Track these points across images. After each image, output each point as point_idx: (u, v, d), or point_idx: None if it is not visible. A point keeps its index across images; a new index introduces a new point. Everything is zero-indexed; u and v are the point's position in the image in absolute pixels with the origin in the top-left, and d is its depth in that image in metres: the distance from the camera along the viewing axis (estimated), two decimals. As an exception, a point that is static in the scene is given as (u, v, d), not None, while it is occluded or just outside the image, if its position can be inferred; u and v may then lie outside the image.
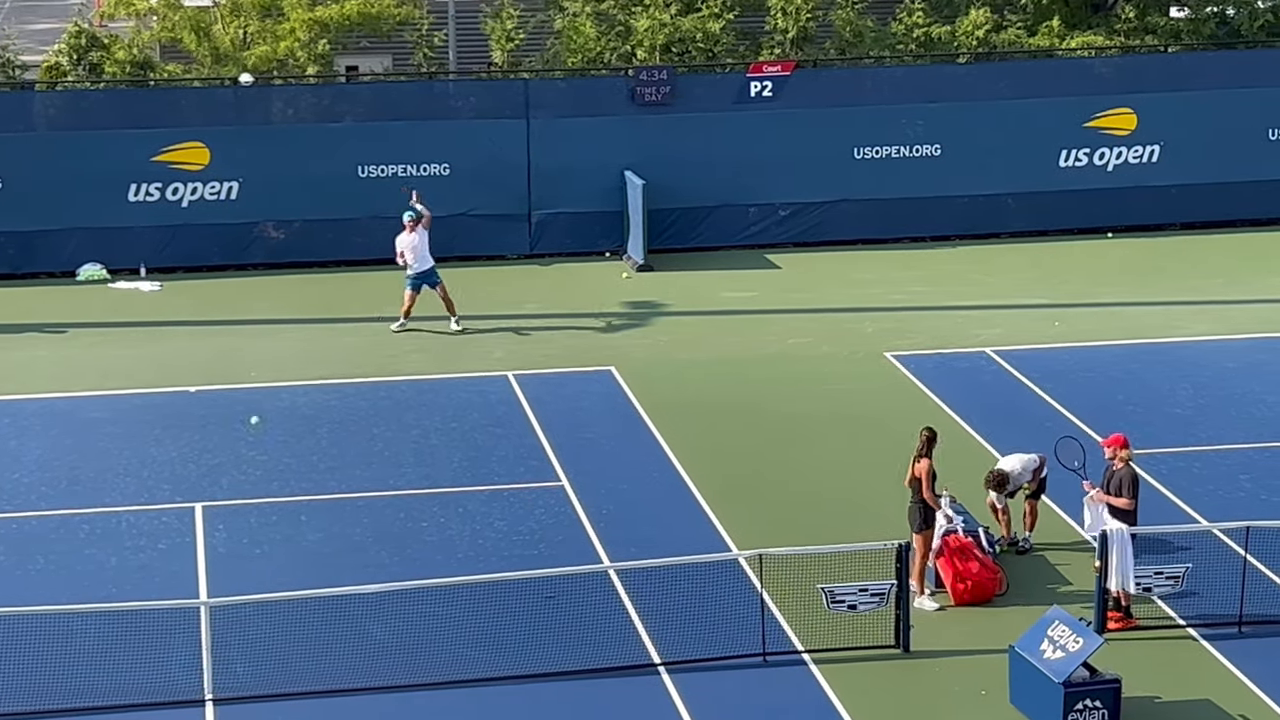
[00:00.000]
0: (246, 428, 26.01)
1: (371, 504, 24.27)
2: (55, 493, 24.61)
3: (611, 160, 34.84)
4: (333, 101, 34.83)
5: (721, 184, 35.27)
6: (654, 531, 23.30)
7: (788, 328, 31.21)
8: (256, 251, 34.39)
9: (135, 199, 33.89)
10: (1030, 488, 22.57)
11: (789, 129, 35.31)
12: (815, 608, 20.49)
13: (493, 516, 23.88)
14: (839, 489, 24.67)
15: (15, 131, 33.65)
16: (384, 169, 34.52)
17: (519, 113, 34.75)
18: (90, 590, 21.68)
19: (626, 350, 30.10)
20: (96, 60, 36.93)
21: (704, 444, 26.12)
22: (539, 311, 32.18)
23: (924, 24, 38.79)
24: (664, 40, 37.88)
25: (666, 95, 35.02)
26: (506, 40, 38.64)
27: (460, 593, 20.92)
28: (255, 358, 29.77)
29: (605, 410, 27.54)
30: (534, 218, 35.07)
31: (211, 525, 23.60)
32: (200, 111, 34.29)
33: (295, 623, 20.44)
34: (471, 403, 27.76)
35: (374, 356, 29.80)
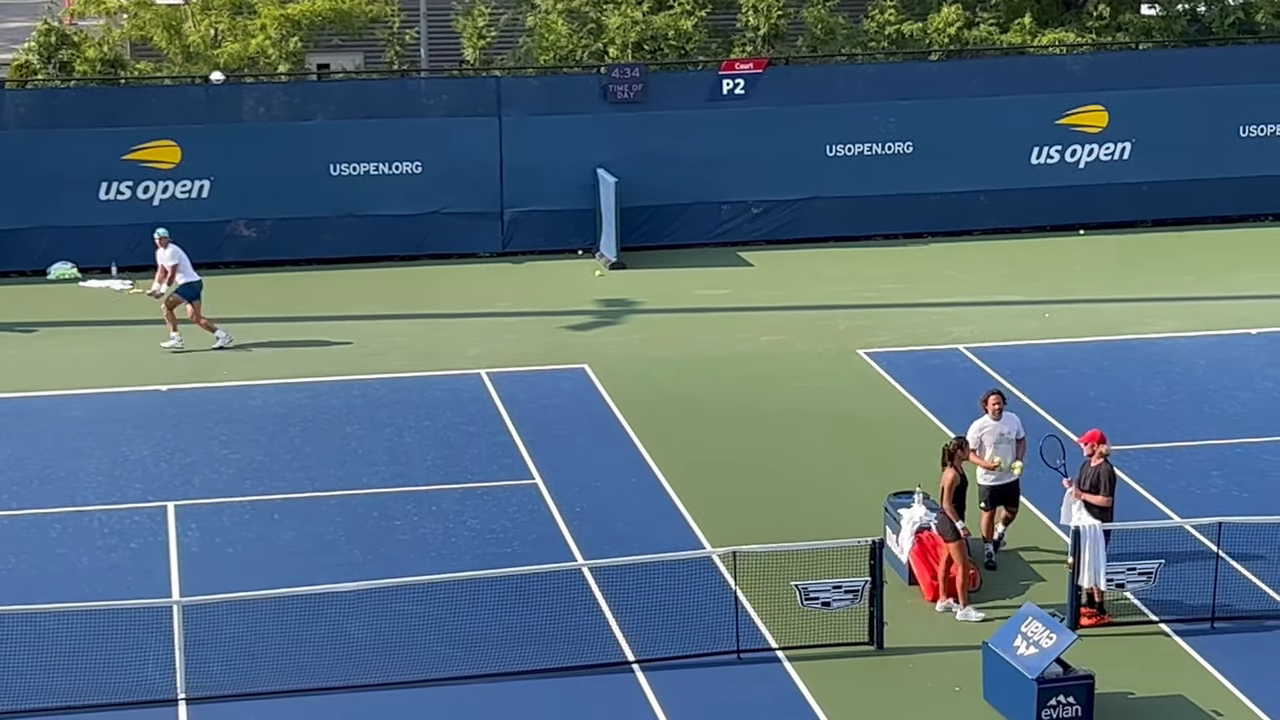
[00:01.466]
0: None
1: (345, 502, 24.23)
2: (26, 492, 24.53)
3: (584, 158, 34.83)
4: (304, 99, 34.78)
5: (694, 182, 35.29)
6: (627, 529, 23.30)
7: (761, 325, 31.22)
8: (228, 250, 34.32)
9: (106, 197, 33.81)
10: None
11: (761, 126, 35.32)
12: (789, 605, 20.49)
13: (466, 515, 23.86)
14: (812, 486, 24.68)
15: (-15, 130, 33.58)
16: (356, 167, 34.48)
17: (491, 110, 34.73)
18: (62, 590, 21.60)
19: (600, 348, 30.09)
20: (67, 58, 36.85)
21: (677, 442, 26.13)
22: (512, 310, 32.15)
23: (896, 21, 38.85)
24: (636, 38, 37.88)
25: (638, 93, 35.02)
26: (478, 38, 38.62)
27: (434, 591, 20.90)
28: (227, 356, 29.69)
29: (578, 408, 27.52)
30: (506, 216, 35.04)
31: (184, 524, 23.54)
32: (171, 110, 34.21)
33: (269, 621, 20.39)
34: (444, 401, 27.73)
35: (347, 355, 29.75)
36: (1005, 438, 22.08)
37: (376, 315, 31.79)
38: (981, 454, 21.95)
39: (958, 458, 21.20)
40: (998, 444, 22.03)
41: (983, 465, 21.85)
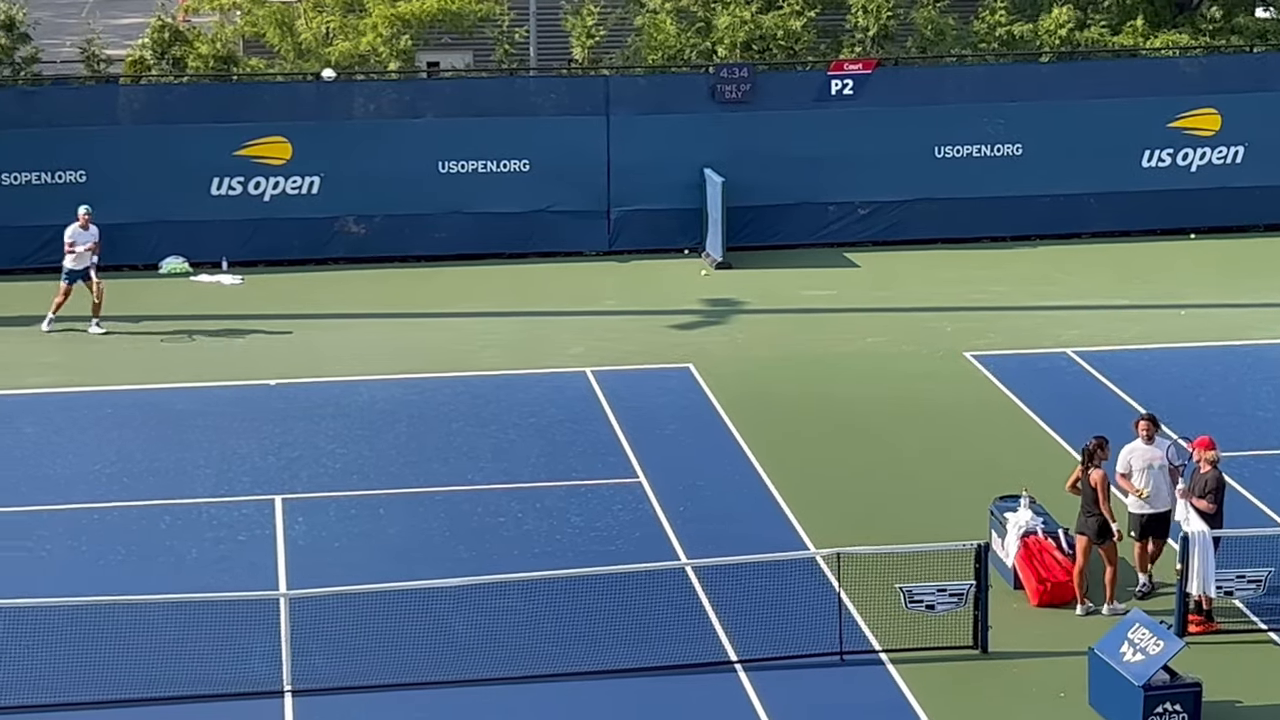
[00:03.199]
0: None
1: (449, 499, 24.34)
2: (136, 483, 24.79)
3: (691, 157, 34.83)
4: (414, 97, 34.96)
5: (801, 182, 35.21)
6: (731, 529, 23.28)
7: (867, 326, 31.12)
8: (337, 246, 34.55)
9: (218, 193, 34.11)
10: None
11: (869, 127, 35.22)
12: (893, 607, 20.42)
13: (570, 512, 23.91)
14: (917, 488, 24.58)
15: (100, 125, 33.94)
16: (464, 165, 34.63)
17: (599, 109, 34.79)
18: (170, 581, 21.83)
19: (705, 347, 30.08)
20: (180, 54, 37.14)
21: (782, 442, 26.08)
22: (617, 308, 32.20)
23: (1006, 22, 38.58)
24: (745, 38, 37.82)
25: (747, 93, 34.98)
26: (587, 37, 38.65)
27: (537, 588, 20.96)
28: (335, 352, 29.90)
29: (683, 407, 27.53)
30: (613, 214, 35.10)
31: (291, 518, 23.72)
32: (282, 106, 34.49)
33: (373, 616, 20.52)
34: (549, 398, 27.80)
35: (453, 351, 29.88)
36: (1155, 464, 21.38)
37: (482, 312, 31.92)
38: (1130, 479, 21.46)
39: (1098, 457, 21.02)
40: (1146, 470, 21.33)
41: (1130, 490, 21.37)
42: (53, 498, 24.28)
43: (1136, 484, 21.27)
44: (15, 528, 23.42)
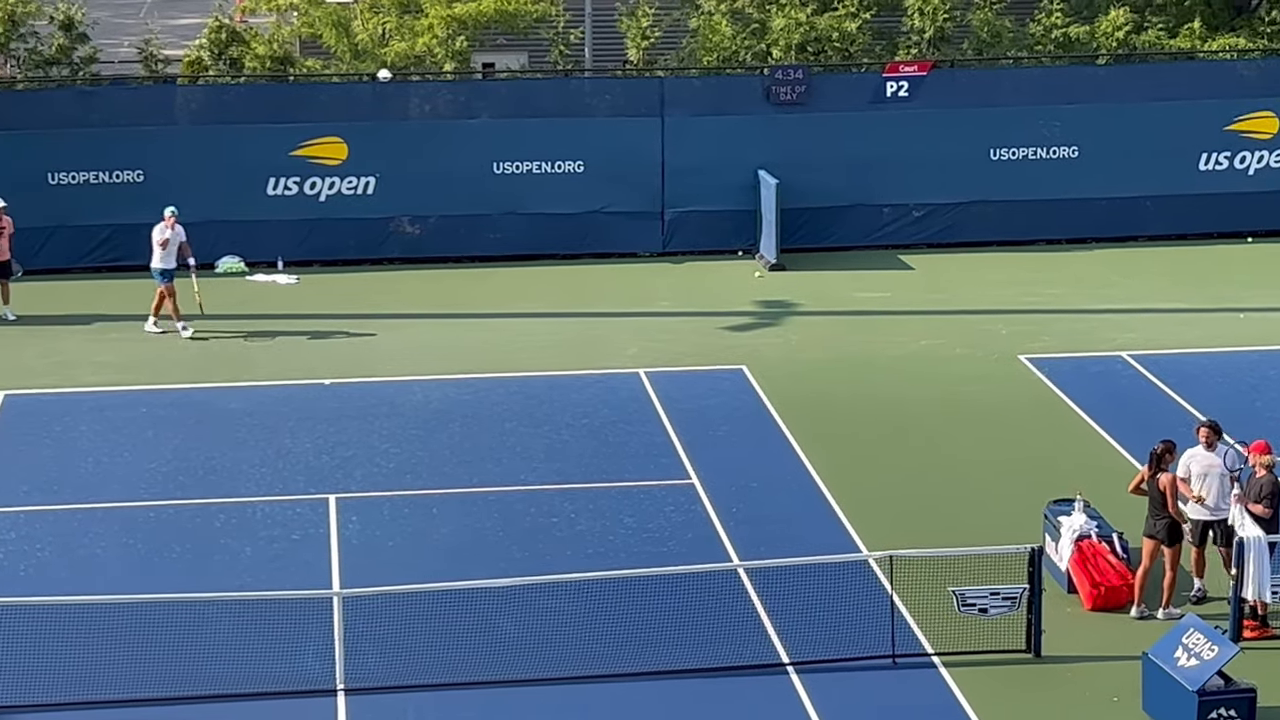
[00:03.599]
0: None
1: (502, 499, 24.38)
2: (191, 482, 24.91)
3: (745, 159, 34.82)
4: (469, 98, 35.05)
5: (855, 184, 35.16)
6: (783, 531, 23.26)
7: (921, 329, 31.05)
8: (392, 246, 34.66)
9: (274, 193, 34.25)
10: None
11: (924, 129, 35.14)
12: (946, 610, 20.37)
13: (622, 513, 23.93)
14: (971, 491, 24.51)
15: (157, 125, 34.11)
16: (519, 165, 34.68)
17: (654, 110, 34.81)
18: (225, 579, 21.93)
19: (758, 349, 30.06)
20: (237, 55, 37.34)
21: (835, 444, 26.05)
22: (671, 309, 32.21)
23: (1063, 24, 38.45)
24: (800, 39, 37.80)
25: (801, 94, 34.95)
26: (642, 38, 38.70)
27: (589, 589, 20.98)
28: (389, 351, 30.00)
29: (736, 409, 27.52)
30: (667, 215, 35.11)
31: (345, 517, 23.80)
32: (339, 107, 34.61)
33: (426, 615, 20.57)
34: (602, 399, 27.82)
35: (507, 351, 29.93)
36: (1215, 470, 21.22)
37: (536, 313, 31.97)
38: (1190, 485, 21.31)
39: (1165, 460, 20.94)
40: (1205, 476, 21.19)
41: (1189, 495, 21.19)
42: (108, 496, 24.42)
43: (1195, 489, 21.17)
44: (72, 526, 23.57)
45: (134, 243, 33.95)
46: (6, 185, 32.69)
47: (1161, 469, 20.99)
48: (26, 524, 23.58)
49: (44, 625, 20.28)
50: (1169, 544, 20.97)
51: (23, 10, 37.40)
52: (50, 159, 33.73)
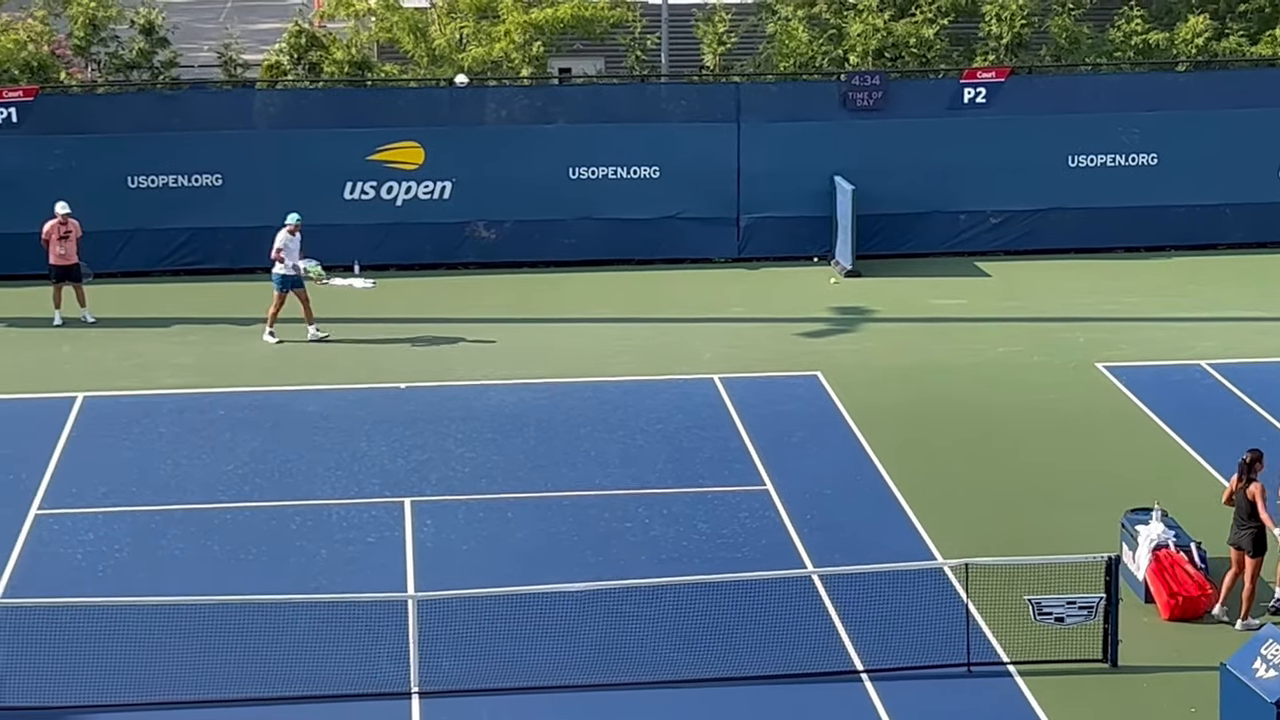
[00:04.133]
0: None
1: (577, 503, 24.40)
2: (268, 484, 25.04)
3: (821, 165, 34.75)
4: (545, 103, 35.12)
5: (932, 190, 35.05)
6: (858, 537, 23.20)
7: (997, 336, 30.92)
8: (468, 251, 34.76)
9: (351, 197, 34.40)
10: None
11: (1002, 136, 35.01)
12: (1021, 619, 20.26)
13: (696, 519, 23.91)
14: (1047, 500, 24.38)
15: (236, 129, 34.33)
16: (595, 171, 34.73)
17: (730, 116, 34.79)
18: (301, 581, 22.04)
19: (833, 355, 29.99)
20: (315, 60, 37.53)
21: (910, 451, 25.96)
22: (746, 315, 32.17)
23: (1142, 31, 38.22)
24: (877, 45, 37.71)
25: (878, 100, 34.87)
26: (718, 44, 38.68)
27: (663, 594, 20.97)
28: (464, 356, 30.08)
29: (810, 415, 27.46)
30: (742, 221, 35.08)
31: (420, 520, 23.87)
32: (416, 112, 34.75)
33: (501, 619, 20.62)
34: (677, 404, 27.81)
35: (582, 356, 29.96)
36: None
37: (611, 318, 31.99)
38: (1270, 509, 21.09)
39: (1255, 469, 20.78)
40: None
41: (1267, 523, 20.91)
42: (186, 497, 24.58)
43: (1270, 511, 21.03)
44: (149, 527, 23.73)
45: (212, 246, 34.26)
46: (87, 189, 33.00)
47: (1251, 478, 20.83)
48: (105, 525, 23.76)
49: (121, 625, 20.42)
50: (1254, 554, 20.81)
51: (104, 15, 37.71)
52: (130, 163, 33.99)
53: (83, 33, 37.76)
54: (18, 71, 36.40)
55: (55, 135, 33.82)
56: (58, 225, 31.29)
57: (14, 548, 22.99)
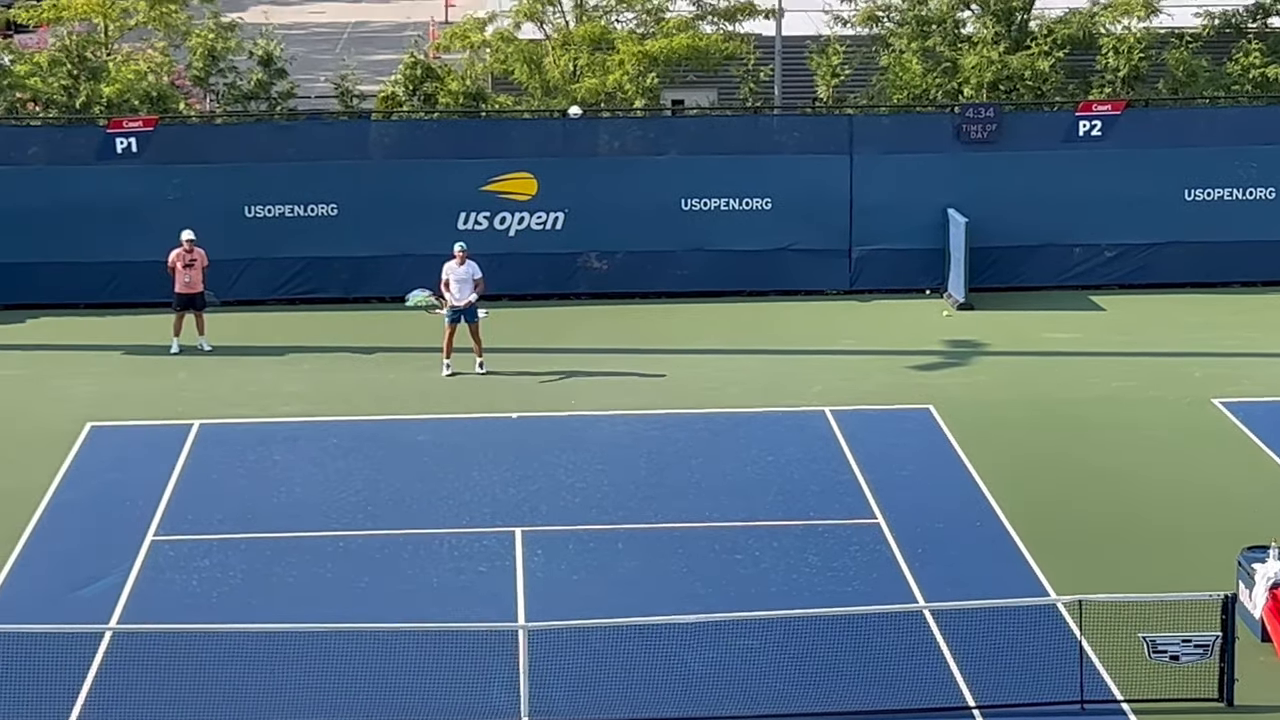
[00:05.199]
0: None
1: (687, 535, 24.39)
2: (380, 512, 25.18)
3: (934, 197, 34.64)
4: (658, 135, 35.20)
5: (1046, 223, 34.84)
6: (969, 573, 23.05)
7: (1112, 370, 30.66)
8: (580, 281, 34.86)
9: (464, 227, 34.56)
10: None
11: (1117, 169, 34.76)
12: (1136, 656, 20.06)
13: (807, 552, 23.84)
14: (1162, 536, 24.14)
15: (352, 159, 34.60)
16: (707, 202, 34.76)
17: (843, 148, 34.74)
18: (412, 609, 22.12)
19: (945, 389, 29.84)
20: (431, 91, 37.80)
21: (1023, 486, 25.78)
22: (857, 348, 32.07)
23: (1261, 64, 37.87)
24: (991, 77, 37.58)
25: (992, 133, 34.73)
26: (832, 76, 38.67)
27: (773, 626, 20.91)
28: (575, 386, 30.14)
29: (922, 448, 27.33)
30: (855, 254, 35.00)
31: (531, 550, 23.92)
32: (529, 143, 34.92)
33: (610, 649, 20.61)
34: (788, 437, 27.75)
35: (693, 388, 29.96)
36: None
37: (722, 350, 31.98)
38: None
39: None
40: None
41: None
42: (300, 525, 24.76)
43: None
44: (263, 554, 23.91)
45: (327, 275, 34.54)
46: (205, 218, 33.34)
47: None
48: (220, 551, 23.97)
49: (235, 652, 20.59)
50: None
51: (223, 46, 38.17)
52: (247, 192, 34.34)
53: (202, 64, 38.24)
54: (138, 102, 36.90)
55: (174, 165, 34.24)
56: (183, 253, 31.66)
57: (130, 574, 23.24)
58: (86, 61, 37.87)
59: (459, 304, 30.63)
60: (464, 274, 30.76)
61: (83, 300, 34.23)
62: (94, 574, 23.18)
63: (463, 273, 30.76)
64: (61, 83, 37.45)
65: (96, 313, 33.90)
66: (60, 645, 20.48)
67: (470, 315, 30.73)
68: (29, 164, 34.16)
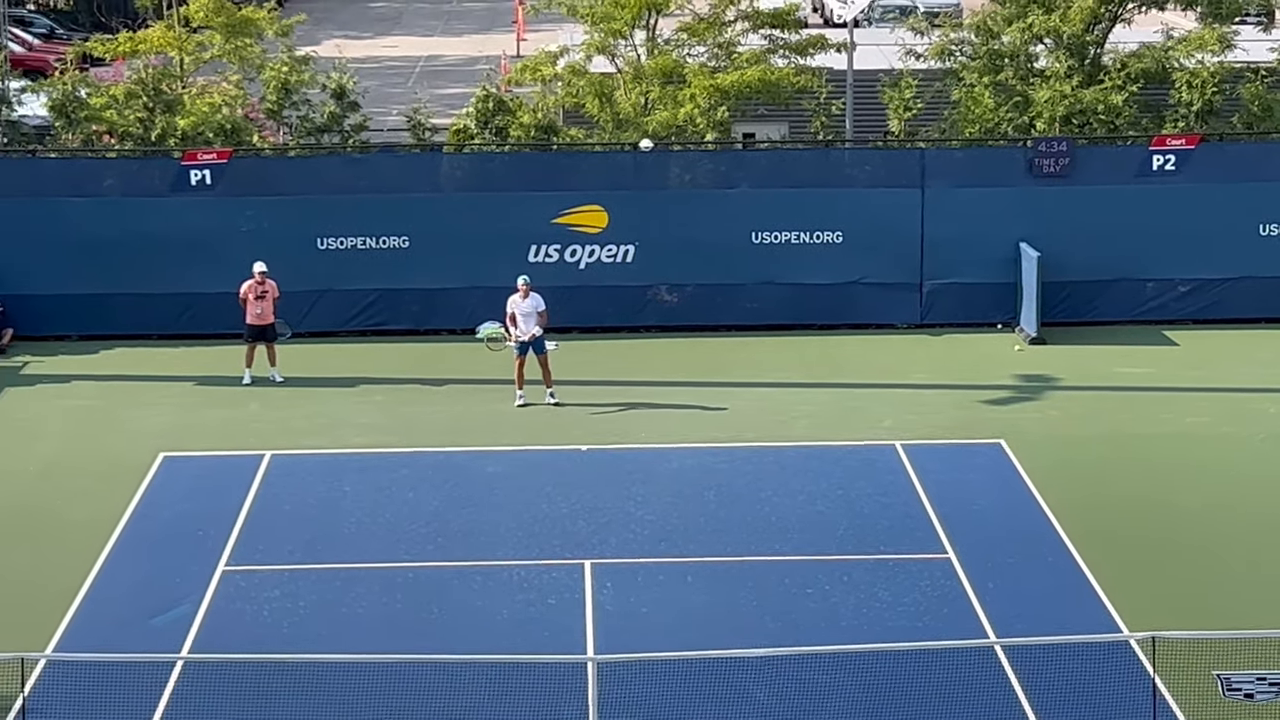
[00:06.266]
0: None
1: (756, 568, 24.33)
2: (450, 544, 25.22)
3: (1006, 231, 34.52)
4: (729, 168, 35.21)
5: (1119, 257, 34.67)
6: (1041, 608, 22.91)
7: (1185, 406, 30.45)
8: (650, 314, 34.87)
9: (535, 259, 34.64)
10: None
11: (1191, 203, 34.58)
12: (1209, 694, 19.83)
13: (877, 586, 23.74)
14: (1236, 573, 23.95)
15: (423, 192, 34.75)
16: (777, 235, 34.74)
17: (914, 182, 34.68)
18: (482, 641, 22.14)
19: (1017, 423, 29.70)
20: (502, 124, 37.93)
21: (1094, 520, 25.61)
22: (928, 381, 31.96)
23: (1339, 97, 37.64)
24: (1064, 111, 37.45)
25: (1065, 166, 34.59)
26: (904, 109, 38.62)
27: (843, 661, 20.83)
28: (645, 418, 30.14)
29: (994, 483, 27.20)
30: (926, 287, 34.91)
31: (600, 582, 23.91)
32: (600, 175, 34.99)
33: (680, 682, 20.57)
34: (858, 471, 27.67)
35: (763, 421, 29.92)
36: None
37: (792, 383, 31.93)
38: None
39: None
40: None
41: None
42: (370, 556, 24.82)
43: None
44: (334, 584, 23.98)
45: (398, 307, 34.66)
46: (277, 249, 33.52)
47: None
48: (290, 581, 24.05)
49: (305, 682, 20.64)
50: None
51: (296, 79, 38.42)
52: (319, 224, 34.52)
53: (275, 97, 38.49)
54: (212, 134, 37.17)
55: (247, 197, 34.46)
56: (255, 285, 31.85)
57: (202, 603, 23.34)
58: (162, 94, 38.19)
59: (523, 337, 30.70)
60: (528, 307, 30.85)
61: (156, 331, 34.46)
62: (166, 603, 23.30)
63: (527, 306, 30.85)
64: (137, 115, 37.78)
65: (169, 343, 34.12)
66: (133, 674, 20.60)
67: (538, 347, 30.80)
68: (105, 196, 34.44)
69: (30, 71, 48.27)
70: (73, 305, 34.30)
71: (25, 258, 34.10)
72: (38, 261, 34.13)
